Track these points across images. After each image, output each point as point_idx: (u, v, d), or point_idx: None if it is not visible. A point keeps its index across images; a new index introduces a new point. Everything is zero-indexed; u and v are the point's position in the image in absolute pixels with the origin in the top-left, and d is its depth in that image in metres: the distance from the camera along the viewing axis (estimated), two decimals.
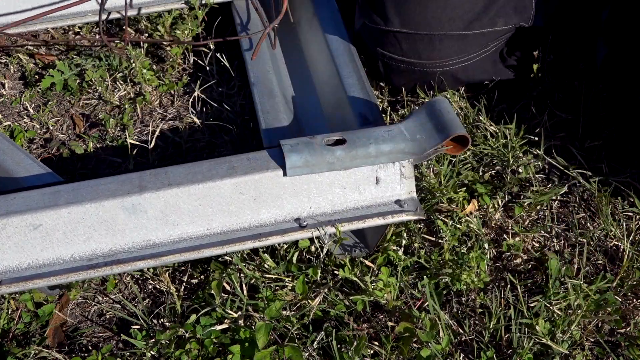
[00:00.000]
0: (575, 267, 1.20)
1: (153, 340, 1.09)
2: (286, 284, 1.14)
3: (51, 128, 1.49)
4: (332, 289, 1.15)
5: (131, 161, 1.40)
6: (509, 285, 1.18)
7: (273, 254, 1.18)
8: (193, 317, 1.09)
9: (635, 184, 1.33)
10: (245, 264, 1.16)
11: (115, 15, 1.55)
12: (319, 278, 1.15)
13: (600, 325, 1.15)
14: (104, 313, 1.19)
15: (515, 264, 1.23)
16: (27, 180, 1.13)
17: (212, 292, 1.12)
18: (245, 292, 1.12)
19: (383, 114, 1.27)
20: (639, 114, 1.33)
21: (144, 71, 1.52)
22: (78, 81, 1.55)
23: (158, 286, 1.20)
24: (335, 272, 1.17)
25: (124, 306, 1.18)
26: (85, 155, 1.43)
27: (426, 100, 1.43)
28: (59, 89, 1.53)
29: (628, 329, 1.14)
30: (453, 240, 1.18)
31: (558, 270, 1.17)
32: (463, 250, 1.18)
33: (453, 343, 1.10)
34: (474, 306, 1.16)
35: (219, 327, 1.09)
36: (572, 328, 1.09)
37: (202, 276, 1.21)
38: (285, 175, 1.02)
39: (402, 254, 1.17)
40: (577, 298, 1.11)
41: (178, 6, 1.56)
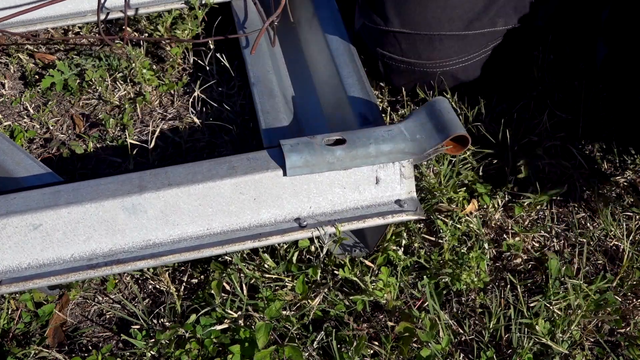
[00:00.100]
0: (575, 267, 1.20)
1: (153, 340, 1.09)
2: (286, 283, 1.14)
3: (51, 128, 1.49)
4: (332, 289, 1.15)
5: (131, 161, 1.40)
6: (509, 285, 1.18)
7: (273, 254, 1.18)
8: (193, 317, 1.09)
9: (635, 184, 1.33)
10: (245, 263, 1.16)
11: (115, 15, 1.55)
12: (319, 278, 1.15)
13: (600, 325, 1.15)
14: (104, 313, 1.19)
15: (515, 264, 1.23)
16: (27, 180, 1.13)
17: (212, 292, 1.12)
18: (245, 292, 1.12)
19: (383, 114, 1.27)
20: (639, 113, 1.33)
21: (144, 71, 1.52)
22: (78, 81, 1.55)
23: (158, 286, 1.20)
24: (335, 272, 1.17)
25: (124, 306, 1.18)
26: (85, 155, 1.43)
27: (426, 100, 1.43)
28: (59, 89, 1.53)
29: (628, 329, 1.14)
30: (453, 240, 1.18)
31: (558, 270, 1.17)
32: (463, 250, 1.18)
33: (453, 343, 1.10)
34: (474, 306, 1.16)
35: (219, 327, 1.09)
36: (572, 328, 1.09)
37: (202, 276, 1.21)
38: (285, 175, 1.02)
39: (402, 254, 1.17)
40: (577, 298, 1.11)
41: (178, 6, 1.56)
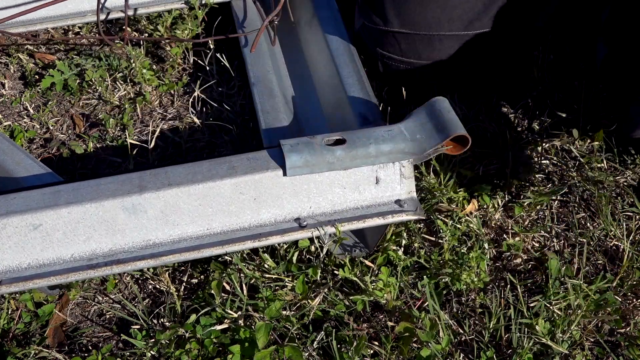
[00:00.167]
0: (575, 267, 1.20)
1: (153, 340, 1.09)
2: (286, 283, 1.14)
3: (51, 128, 1.49)
4: (332, 289, 1.15)
5: (131, 161, 1.40)
6: (509, 285, 1.18)
7: (273, 254, 1.18)
8: (193, 317, 1.09)
9: (635, 184, 1.33)
10: (245, 264, 1.16)
11: (115, 15, 1.55)
12: (319, 278, 1.15)
13: (600, 325, 1.15)
14: (104, 313, 1.19)
15: (515, 264, 1.23)
16: (27, 180, 1.13)
17: (212, 292, 1.12)
18: (245, 292, 1.12)
19: (383, 114, 1.27)
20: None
21: (144, 71, 1.52)
22: (78, 81, 1.55)
23: (158, 286, 1.20)
24: (335, 272, 1.17)
25: (124, 306, 1.18)
26: (85, 155, 1.43)
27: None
28: (59, 89, 1.53)
29: (628, 329, 1.14)
30: (453, 240, 1.18)
31: (558, 270, 1.17)
32: (463, 250, 1.18)
33: (453, 343, 1.10)
34: (474, 306, 1.16)
35: (219, 327, 1.09)
36: (572, 328, 1.09)
37: (202, 276, 1.21)
38: (285, 175, 1.02)
39: (402, 254, 1.17)
40: (577, 298, 1.11)
41: (178, 6, 1.56)
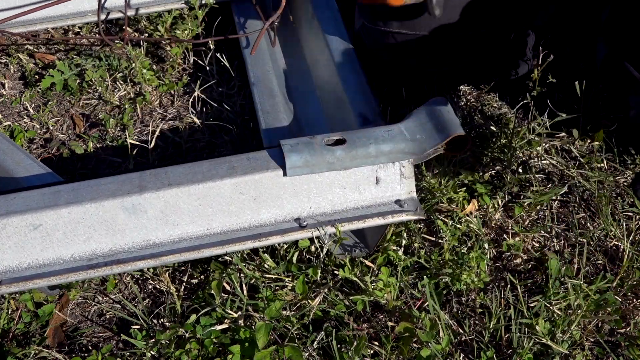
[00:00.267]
0: (575, 267, 1.20)
1: (153, 340, 1.09)
2: (286, 284, 1.14)
3: (51, 128, 1.49)
4: (332, 289, 1.15)
5: (131, 161, 1.40)
6: (509, 285, 1.18)
7: (273, 254, 1.18)
8: (193, 317, 1.09)
9: (635, 192, 1.33)
10: (245, 264, 1.16)
11: (115, 15, 1.55)
12: (319, 278, 1.14)
13: (600, 325, 1.14)
14: (104, 313, 1.19)
15: (515, 264, 1.23)
16: (27, 180, 1.13)
17: (212, 292, 1.12)
18: (245, 292, 1.11)
19: (383, 114, 1.27)
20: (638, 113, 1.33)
21: (144, 71, 1.52)
22: (78, 81, 1.55)
23: (158, 286, 1.20)
24: (335, 272, 1.17)
25: (124, 306, 1.18)
26: (85, 155, 1.43)
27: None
28: (59, 89, 1.53)
29: (628, 329, 1.14)
30: (453, 240, 1.18)
31: (558, 270, 1.16)
32: (463, 250, 1.18)
33: (453, 343, 1.10)
34: (474, 306, 1.16)
35: (219, 327, 1.08)
36: (572, 328, 1.09)
37: (202, 276, 1.21)
38: (285, 175, 1.02)
39: (402, 254, 1.17)
40: (577, 298, 1.11)
41: (178, 6, 1.56)
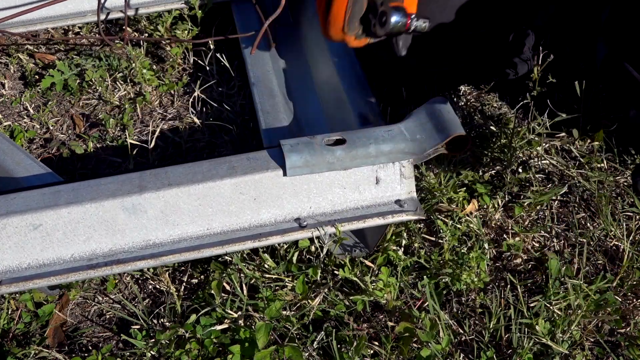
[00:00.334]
0: (575, 267, 1.20)
1: (153, 340, 1.09)
2: (286, 284, 1.14)
3: (51, 128, 1.49)
4: (332, 289, 1.15)
5: (131, 161, 1.40)
6: (509, 285, 1.18)
7: (273, 254, 1.18)
8: (193, 317, 1.09)
9: (635, 184, 1.33)
10: (245, 264, 1.16)
11: (115, 15, 1.55)
12: (319, 278, 1.14)
13: (600, 325, 1.14)
14: (104, 313, 1.19)
15: (515, 264, 1.23)
16: (27, 180, 1.13)
17: (212, 292, 1.12)
18: (245, 292, 1.11)
19: (383, 114, 1.27)
20: (638, 113, 1.33)
21: (144, 71, 1.52)
22: (78, 81, 1.55)
23: (158, 286, 1.20)
24: (335, 272, 1.17)
25: (124, 306, 1.18)
26: (85, 155, 1.43)
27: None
28: (59, 89, 1.53)
29: (628, 329, 1.14)
30: (453, 240, 1.18)
31: (558, 270, 1.17)
32: (463, 250, 1.18)
33: (453, 343, 1.10)
34: (474, 306, 1.16)
35: (219, 327, 1.08)
36: (572, 328, 1.09)
37: (202, 276, 1.21)
38: (285, 175, 1.02)
39: (402, 254, 1.17)
40: (577, 298, 1.11)
41: (178, 6, 1.56)
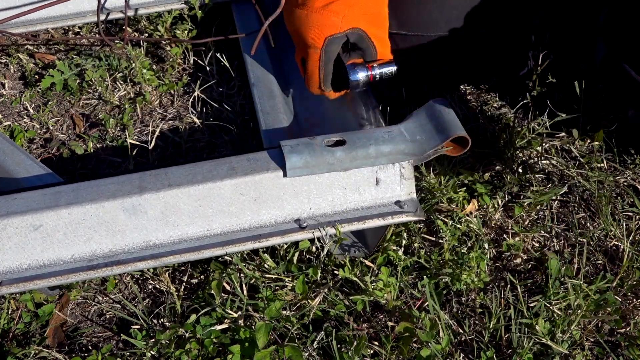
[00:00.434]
0: (575, 267, 1.20)
1: (153, 340, 1.09)
2: (286, 284, 1.14)
3: (51, 128, 1.49)
4: (332, 289, 1.15)
5: (131, 161, 1.40)
6: (509, 285, 1.18)
7: (273, 254, 1.18)
8: (193, 317, 1.09)
9: (635, 184, 1.33)
10: (245, 264, 1.16)
11: (115, 16, 1.55)
12: (319, 278, 1.15)
13: (600, 325, 1.15)
14: (104, 313, 1.19)
15: (515, 264, 1.23)
16: (28, 181, 1.13)
17: (212, 292, 1.12)
18: (245, 292, 1.12)
19: (383, 114, 1.27)
20: (638, 112, 1.33)
21: (144, 71, 1.52)
22: (78, 81, 1.55)
23: (158, 286, 1.20)
24: (335, 272, 1.17)
25: (124, 306, 1.18)
26: (85, 155, 1.43)
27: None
28: (59, 89, 1.53)
29: (628, 329, 1.14)
30: (453, 240, 1.18)
31: (558, 270, 1.17)
32: (463, 250, 1.18)
33: (453, 343, 1.10)
34: (474, 306, 1.16)
35: (219, 327, 1.09)
36: (572, 328, 1.09)
37: (202, 276, 1.21)
38: (285, 176, 1.02)
39: (402, 254, 1.17)
40: (577, 298, 1.11)
41: (178, 6, 1.56)
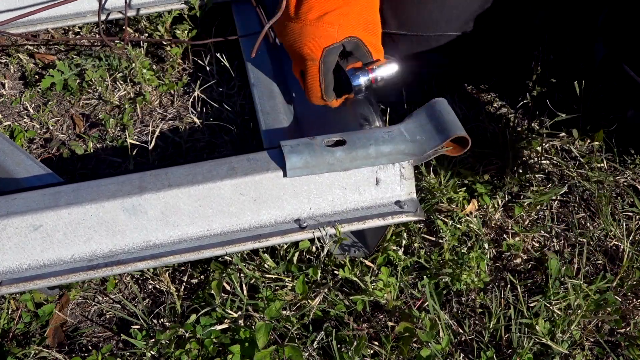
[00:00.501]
0: (575, 267, 1.20)
1: (153, 340, 1.09)
2: (286, 284, 1.14)
3: (51, 128, 1.49)
4: (332, 289, 1.15)
5: (131, 161, 1.40)
6: (509, 285, 1.18)
7: (273, 254, 1.18)
8: (193, 317, 1.09)
9: (635, 184, 1.33)
10: (245, 264, 1.16)
11: (115, 16, 1.55)
12: (319, 278, 1.15)
13: (600, 325, 1.15)
14: (104, 313, 1.19)
15: (515, 264, 1.23)
16: (28, 181, 1.13)
17: (212, 292, 1.12)
18: (245, 292, 1.12)
19: (383, 115, 1.27)
20: (637, 112, 1.33)
21: (144, 71, 1.52)
22: (78, 81, 1.55)
23: (158, 286, 1.20)
24: (335, 272, 1.17)
25: (124, 306, 1.18)
26: (85, 155, 1.43)
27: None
28: (59, 89, 1.53)
29: (628, 329, 1.14)
30: (453, 240, 1.18)
31: (558, 270, 1.17)
32: (463, 250, 1.18)
33: (453, 343, 1.10)
34: (474, 306, 1.16)
35: (219, 327, 1.09)
36: (572, 328, 1.09)
37: (202, 276, 1.21)
38: (285, 176, 1.02)
39: (402, 254, 1.17)
40: (577, 298, 1.11)
41: (178, 6, 1.56)
